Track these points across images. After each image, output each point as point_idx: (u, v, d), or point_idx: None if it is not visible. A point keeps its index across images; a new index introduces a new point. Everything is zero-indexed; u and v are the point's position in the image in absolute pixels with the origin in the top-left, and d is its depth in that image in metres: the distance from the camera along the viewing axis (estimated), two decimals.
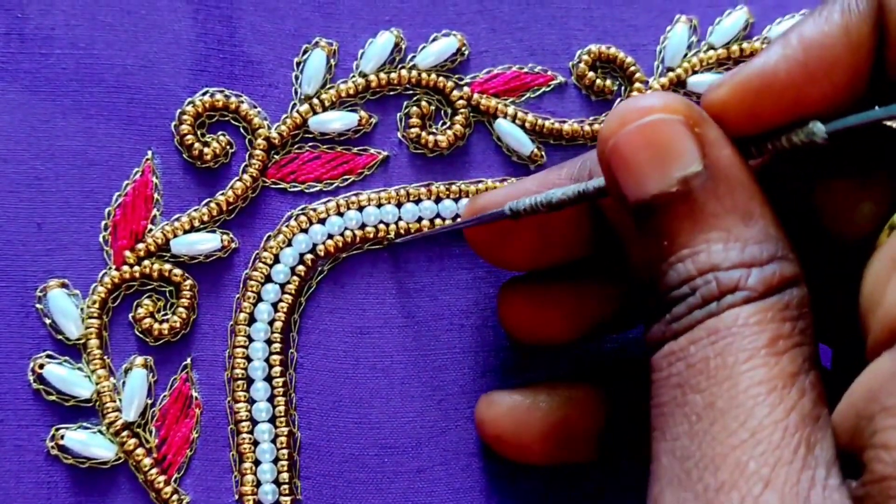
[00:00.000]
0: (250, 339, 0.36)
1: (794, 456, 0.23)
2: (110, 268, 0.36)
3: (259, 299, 0.37)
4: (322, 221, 0.37)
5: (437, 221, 0.38)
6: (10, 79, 0.36)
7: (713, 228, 0.26)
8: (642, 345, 0.28)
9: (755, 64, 0.27)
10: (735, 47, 0.41)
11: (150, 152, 0.37)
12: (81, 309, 0.36)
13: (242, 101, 0.38)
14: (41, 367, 0.35)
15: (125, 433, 0.35)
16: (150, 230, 0.36)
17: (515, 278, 0.36)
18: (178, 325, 0.36)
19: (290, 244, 0.37)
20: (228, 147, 0.37)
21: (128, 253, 0.36)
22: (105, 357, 0.36)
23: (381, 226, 0.38)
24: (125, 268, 0.36)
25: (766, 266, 0.26)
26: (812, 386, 0.25)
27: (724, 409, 0.24)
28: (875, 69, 0.26)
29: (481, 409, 0.36)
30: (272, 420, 0.36)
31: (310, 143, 0.38)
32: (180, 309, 0.36)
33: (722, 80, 0.28)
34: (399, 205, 0.38)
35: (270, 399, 0.36)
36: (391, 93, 0.39)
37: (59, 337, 0.35)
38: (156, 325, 0.36)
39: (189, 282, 0.36)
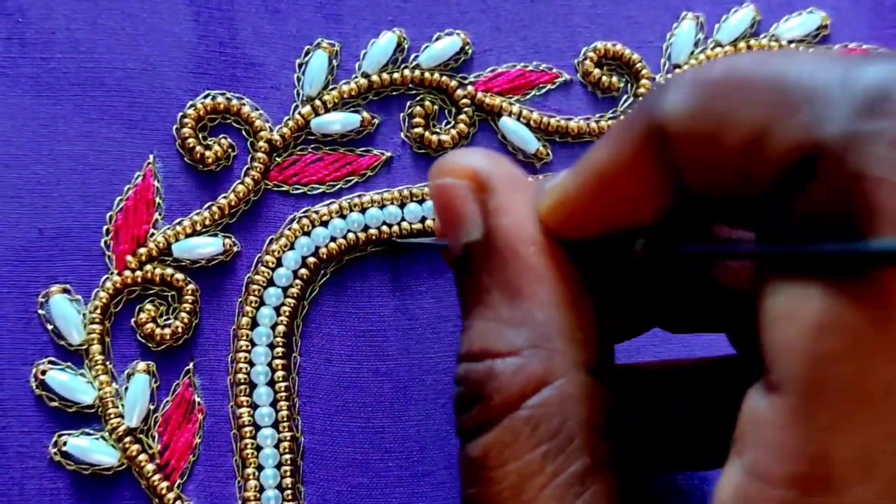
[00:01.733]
0: (253, 344, 0.36)
1: None
2: (112, 273, 0.36)
3: (261, 303, 0.36)
4: (325, 224, 0.37)
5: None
6: (10, 83, 0.36)
7: (480, 304, 0.25)
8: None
9: (557, 184, 0.25)
10: (742, 44, 0.41)
11: (151, 156, 0.37)
12: (83, 314, 0.35)
13: (244, 104, 0.37)
14: (43, 373, 0.35)
15: (128, 439, 0.35)
16: (152, 234, 0.36)
17: None
18: (180, 329, 0.36)
19: (292, 247, 0.37)
20: (230, 150, 0.37)
21: (129, 257, 0.36)
22: (107, 363, 0.35)
23: (385, 227, 0.37)
24: (127, 272, 0.36)
25: (511, 360, 0.23)
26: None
27: None
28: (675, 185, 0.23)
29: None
30: (275, 425, 0.36)
31: (312, 145, 0.38)
32: (182, 313, 0.36)
33: (545, 190, 0.26)
34: (402, 205, 0.37)
35: (273, 404, 0.36)
36: (394, 93, 0.39)
37: (62, 343, 0.35)
38: (158, 330, 0.36)
39: (191, 286, 0.36)
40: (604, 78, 0.39)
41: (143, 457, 0.35)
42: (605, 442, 0.24)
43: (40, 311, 0.35)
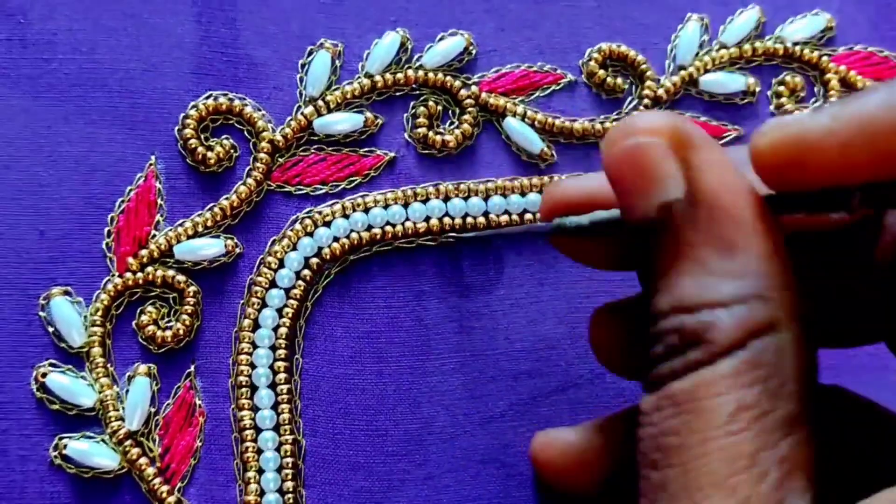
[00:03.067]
0: (254, 346, 0.36)
1: None
2: (113, 275, 0.36)
3: (264, 305, 0.36)
4: (328, 224, 0.37)
5: (446, 220, 0.37)
6: (12, 84, 0.36)
7: (687, 259, 0.25)
8: None
9: (800, 123, 0.25)
10: (747, 46, 0.41)
11: (153, 157, 0.36)
12: (84, 317, 0.35)
13: (246, 104, 0.37)
14: (44, 375, 0.35)
15: (128, 442, 0.35)
16: (154, 236, 0.36)
17: (606, 307, 0.33)
18: (181, 332, 0.35)
19: (295, 248, 0.36)
20: (232, 151, 0.37)
21: (131, 259, 0.36)
22: (108, 365, 0.35)
23: (389, 227, 0.37)
24: (128, 274, 0.36)
25: (736, 308, 0.24)
26: (780, 461, 0.23)
27: (674, 495, 0.23)
28: None
29: (536, 451, 0.35)
30: (276, 428, 0.36)
31: (315, 146, 0.38)
32: (184, 316, 0.36)
33: (770, 126, 0.25)
34: (406, 205, 0.37)
35: (274, 406, 0.36)
36: (397, 93, 0.38)
37: (62, 345, 0.35)
38: (159, 333, 0.35)
39: (193, 288, 0.36)
40: (608, 79, 0.39)
41: (143, 460, 0.35)
42: (810, 394, 0.24)
43: (41, 314, 0.35)
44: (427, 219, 0.37)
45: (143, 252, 0.36)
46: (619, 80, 0.39)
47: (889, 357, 0.28)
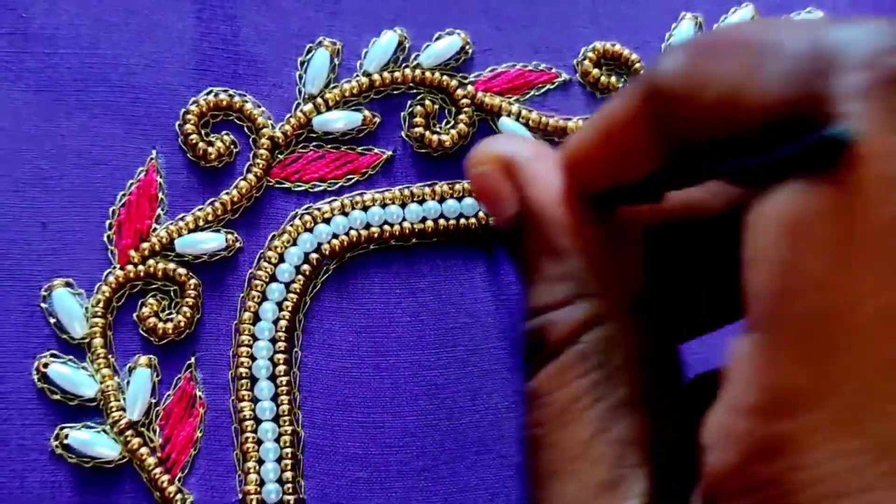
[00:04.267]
0: (255, 338, 0.36)
1: None
2: (115, 267, 0.36)
3: (264, 298, 0.37)
4: (327, 221, 0.37)
5: (441, 222, 0.38)
6: (14, 78, 0.36)
7: (528, 268, 0.28)
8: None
9: (571, 139, 0.28)
10: None
11: (154, 151, 0.37)
12: (86, 308, 0.36)
13: (246, 101, 0.38)
14: (45, 366, 0.35)
15: (129, 432, 0.35)
16: (155, 229, 0.36)
17: None
18: (182, 324, 0.36)
19: (294, 243, 0.37)
20: (232, 146, 0.37)
21: (132, 252, 0.36)
22: (109, 356, 0.36)
23: (386, 226, 0.37)
24: (129, 267, 0.36)
25: (567, 308, 0.27)
26: (613, 443, 0.25)
27: (534, 483, 0.26)
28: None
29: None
30: (276, 419, 0.36)
31: (314, 143, 0.38)
32: (185, 308, 0.36)
33: (566, 140, 0.29)
34: (403, 205, 0.38)
35: (274, 398, 0.36)
36: (395, 92, 0.39)
37: (64, 336, 0.35)
38: (160, 325, 0.36)
39: (193, 281, 0.36)
40: (602, 78, 0.40)
41: (144, 450, 0.35)
42: (646, 376, 0.26)
43: (43, 305, 0.35)
44: (423, 220, 0.38)
45: (145, 245, 0.36)
46: (614, 79, 0.40)
47: None
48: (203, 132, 0.37)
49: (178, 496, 0.35)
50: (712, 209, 0.29)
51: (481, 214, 0.38)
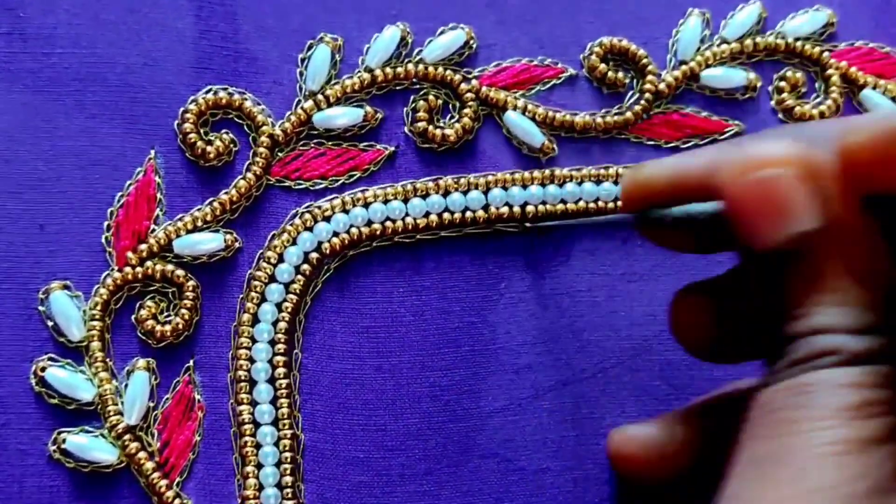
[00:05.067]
0: (254, 341, 0.36)
1: None
2: (113, 269, 0.36)
3: (263, 300, 0.36)
4: (327, 219, 0.37)
5: (445, 216, 0.37)
6: (12, 78, 0.36)
7: (825, 290, 0.26)
8: None
9: (854, 140, 0.26)
10: (748, 41, 0.41)
11: (152, 151, 0.36)
12: (83, 311, 0.35)
13: (246, 99, 0.37)
14: (43, 370, 0.35)
15: (127, 437, 0.35)
16: (153, 230, 0.36)
17: (690, 288, 0.34)
18: (180, 326, 0.35)
19: (294, 243, 0.36)
20: (232, 145, 0.37)
21: (130, 254, 0.36)
22: (107, 359, 0.35)
23: (389, 222, 0.37)
24: (128, 269, 0.36)
25: (866, 335, 0.25)
26: (891, 455, 0.24)
27: (785, 462, 0.24)
28: None
29: (616, 447, 0.35)
30: (275, 422, 0.36)
31: (315, 140, 0.37)
32: (183, 310, 0.35)
33: (861, 123, 0.26)
34: (406, 200, 0.37)
35: (273, 401, 0.36)
36: (397, 87, 0.38)
37: (61, 339, 0.35)
38: (158, 327, 0.35)
39: (192, 282, 0.36)
40: (609, 73, 0.39)
41: (142, 455, 0.35)
42: None
43: (40, 308, 0.35)
44: (426, 214, 0.37)
45: (143, 246, 0.36)
46: (620, 75, 0.39)
47: None
48: (202, 131, 0.37)
49: (177, 501, 0.35)
50: None
51: (492, 210, 0.37)
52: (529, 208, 0.38)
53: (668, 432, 0.34)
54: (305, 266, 0.36)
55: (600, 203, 0.38)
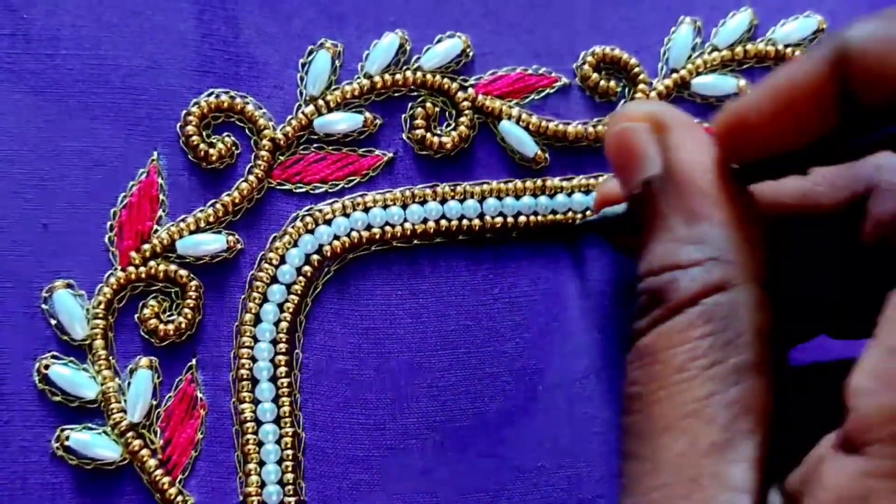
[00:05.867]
0: (256, 340, 0.36)
1: (692, 490, 0.24)
2: (116, 268, 0.36)
3: (265, 300, 0.37)
4: (328, 222, 0.37)
5: (443, 223, 0.38)
6: (15, 80, 0.36)
7: (660, 229, 0.28)
8: None
9: (739, 103, 0.28)
10: (739, 49, 0.41)
11: (155, 153, 0.37)
12: (87, 309, 0.36)
13: (248, 102, 0.38)
14: (46, 367, 0.35)
15: (130, 434, 0.35)
16: (156, 231, 0.36)
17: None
18: (183, 325, 0.36)
19: (295, 245, 0.37)
20: (234, 148, 0.37)
21: (133, 254, 0.36)
22: (110, 358, 0.36)
23: (388, 227, 0.38)
24: (131, 268, 0.36)
25: (693, 270, 0.27)
26: (728, 405, 0.25)
27: (637, 437, 0.26)
28: (843, 103, 0.26)
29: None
30: (277, 421, 0.36)
31: (315, 145, 0.38)
32: (186, 310, 0.36)
33: (725, 108, 0.29)
34: (405, 206, 0.38)
35: (275, 400, 0.36)
36: (396, 94, 0.39)
37: (65, 338, 0.35)
38: (161, 326, 0.36)
39: (194, 282, 0.36)
40: (602, 82, 0.40)
41: (145, 452, 0.35)
42: (767, 348, 0.27)
43: (44, 306, 0.35)
44: (424, 220, 0.38)
45: (146, 246, 0.36)
46: (612, 84, 0.40)
47: None
48: (204, 134, 0.37)
49: (179, 498, 0.35)
50: (830, 205, 0.31)
51: (487, 219, 0.38)
52: (522, 219, 0.38)
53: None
54: (307, 267, 0.37)
55: (589, 213, 0.39)
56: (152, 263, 0.36)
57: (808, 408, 0.28)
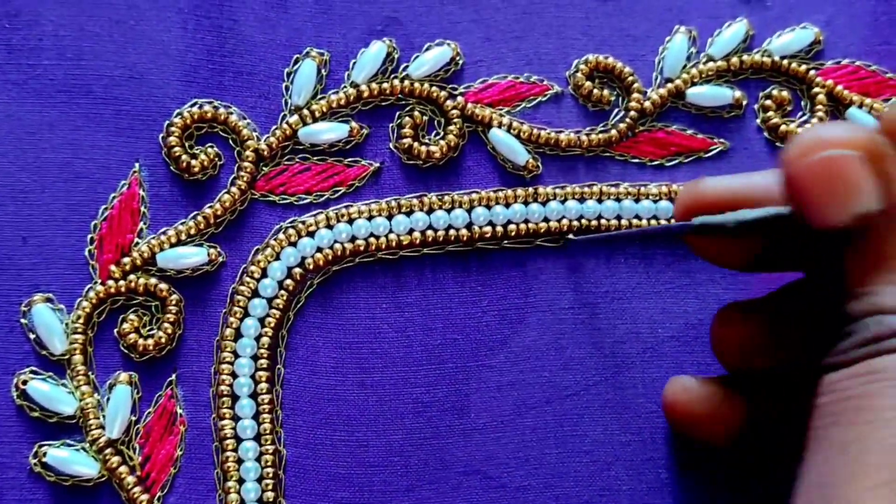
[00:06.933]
0: (236, 355, 0.36)
1: None
2: (96, 282, 0.35)
3: (246, 314, 0.36)
4: (311, 234, 0.37)
5: (429, 233, 0.37)
6: None
7: (885, 270, 0.26)
8: None
9: None
10: (735, 59, 0.40)
11: (137, 164, 0.36)
12: (66, 324, 0.35)
13: (231, 112, 0.37)
14: (25, 382, 0.35)
15: (109, 451, 0.34)
16: (137, 244, 0.36)
17: (733, 305, 0.35)
18: (163, 340, 0.35)
19: (278, 258, 0.36)
20: (217, 159, 0.37)
21: (113, 267, 0.35)
22: (89, 373, 0.35)
23: (373, 239, 0.37)
24: (111, 282, 0.35)
25: None
26: None
27: (862, 450, 0.24)
28: None
29: (670, 395, 0.35)
30: (257, 438, 0.35)
31: (300, 155, 0.37)
32: (166, 324, 0.35)
33: None
34: (390, 217, 0.37)
35: (256, 416, 0.36)
36: (383, 103, 0.38)
37: (44, 352, 0.35)
38: (141, 341, 0.35)
39: (175, 296, 0.36)
40: (595, 91, 0.39)
41: (123, 469, 0.34)
42: None
43: (23, 321, 0.35)
44: (410, 231, 0.37)
45: (126, 260, 0.36)
46: (606, 92, 0.39)
47: None
48: (187, 145, 0.37)
49: None
50: None
51: (475, 229, 0.37)
52: (511, 227, 0.38)
53: (722, 392, 0.35)
54: (289, 281, 0.36)
55: (583, 221, 0.38)
56: (132, 277, 0.35)
57: None
